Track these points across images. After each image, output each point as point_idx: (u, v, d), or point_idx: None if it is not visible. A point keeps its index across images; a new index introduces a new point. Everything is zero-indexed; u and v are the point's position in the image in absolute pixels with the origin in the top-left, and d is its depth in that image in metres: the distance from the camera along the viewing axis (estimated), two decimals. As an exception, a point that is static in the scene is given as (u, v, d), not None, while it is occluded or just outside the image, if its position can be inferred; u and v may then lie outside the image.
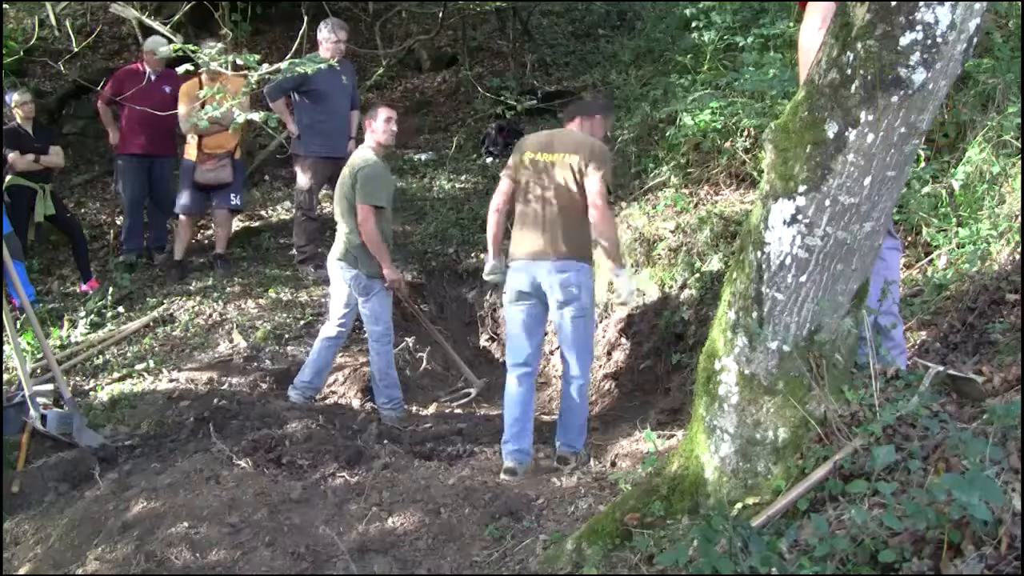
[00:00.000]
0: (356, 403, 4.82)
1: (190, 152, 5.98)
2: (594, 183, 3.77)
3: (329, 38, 5.62)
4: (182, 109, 5.88)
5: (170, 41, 4.88)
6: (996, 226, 3.80)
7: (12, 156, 5.71)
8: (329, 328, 4.67)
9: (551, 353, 5.32)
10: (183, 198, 6.12)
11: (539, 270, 3.86)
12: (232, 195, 6.11)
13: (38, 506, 3.75)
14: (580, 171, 3.80)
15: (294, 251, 6.21)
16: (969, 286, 3.63)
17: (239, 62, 4.03)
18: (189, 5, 6.02)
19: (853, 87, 2.13)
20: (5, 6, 7.36)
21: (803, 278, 2.30)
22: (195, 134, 5.87)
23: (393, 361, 4.65)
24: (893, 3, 2.05)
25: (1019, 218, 3.71)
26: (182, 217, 6.24)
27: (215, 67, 4.13)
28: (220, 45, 4.11)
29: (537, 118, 7.53)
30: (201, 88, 5.83)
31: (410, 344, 5.35)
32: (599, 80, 7.54)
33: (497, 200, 4.06)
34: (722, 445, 2.45)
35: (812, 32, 2.87)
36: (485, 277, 4.27)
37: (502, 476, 3.74)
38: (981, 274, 3.65)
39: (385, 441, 4.17)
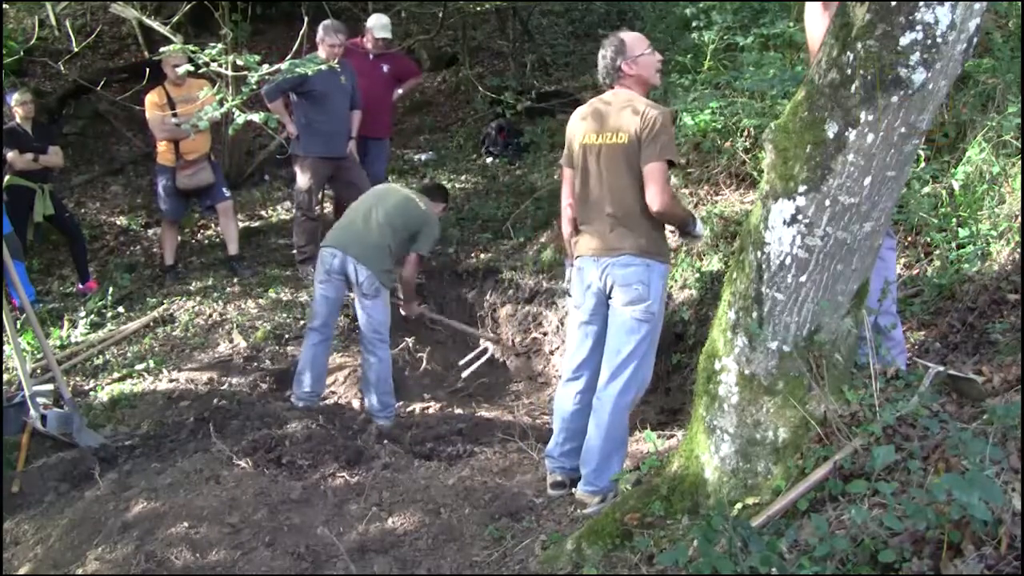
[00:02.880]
0: (356, 403, 4.82)
1: (167, 157, 5.96)
2: None
3: (326, 40, 5.61)
4: (150, 115, 5.88)
5: (170, 41, 4.88)
6: (996, 226, 3.80)
7: (11, 155, 5.71)
8: (321, 331, 4.56)
9: (551, 353, 5.32)
10: (165, 204, 6.10)
11: None
12: (221, 189, 6.15)
13: (38, 506, 3.75)
14: None
15: (294, 251, 6.21)
16: (969, 286, 3.63)
17: (239, 62, 4.02)
18: (189, 5, 6.01)
19: (853, 87, 2.14)
20: (5, 6, 7.36)
21: (803, 278, 2.30)
22: (170, 140, 5.87)
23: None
24: (893, 3, 2.05)
25: (1019, 218, 3.71)
26: (164, 223, 6.24)
27: (215, 67, 4.12)
28: (220, 46, 4.10)
29: (537, 118, 7.54)
30: (167, 96, 5.86)
31: (410, 344, 5.35)
32: (599, 80, 7.54)
33: None
34: (722, 445, 2.46)
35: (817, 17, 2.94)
36: None
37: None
38: (981, 274, 3.65)
39: (385, 441, 4.17)
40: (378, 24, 6.33)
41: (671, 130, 3.23)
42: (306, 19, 4.95)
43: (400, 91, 6.75)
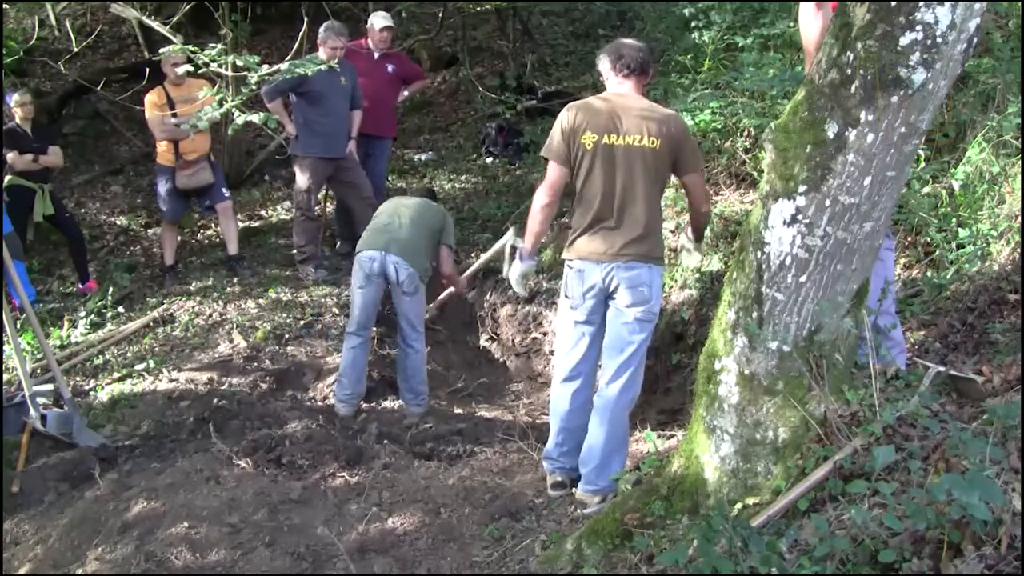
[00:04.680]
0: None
1: (167, 157, 5.96)
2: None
3: (328, 42, 5.61)
4: (149, 115, 5.88)
5: (170, 41, 4.88)
6: (996, 226, 3.80)
7: (11, 156, 5.71)
8: (360, 333, 4.58)
9: (551, 353, 5.32)
10: (165, 204, 6.09)
11: None
12: (221, 190, 6.15)
13: (38, 506, 3.75)
14: None
15: (294, 251, 6.21)
16: (969, 286, 3.63)
17: (239, 63, 4.02)
18: (189, 5, 6.02)
19: (853, 87, 2.14)
20: (5, 6, 7.36)
21: (803, 278, 2.30)
22: (170, 140, 5.87)
23: None
24: (893, 3, 2.06)
25: (1019, 218, 3.72)
26: (164, 223, 6.24)
27: (215, 68, 4.12)
28: (220, 46, 4.10)
29: (537, 118, 7.54)
30: (167, 96, 5.86)
31: None
32: (599, 80, 7.55)
33: None
34: (722, 445, 2.46)
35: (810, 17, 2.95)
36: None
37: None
38: (981, 274, 3.65)
39: (385, 441, 4.17)
40: (377, 16, 6.38)
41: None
42: (306, 19, 4.97)
43: (406, 93, 6.76)
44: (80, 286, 6.07)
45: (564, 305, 3.49)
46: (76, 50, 7.06)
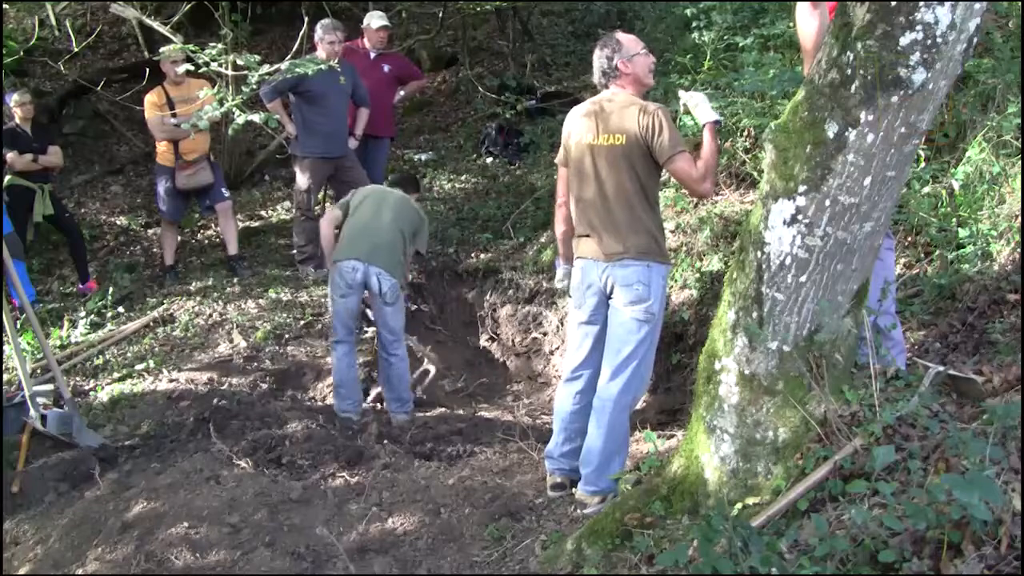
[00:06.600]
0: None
1: (166, 157, 5.97)
2: None
3: (324, 39, 5.62)
4: (149, 116, 5.88)
5: (170, 41, 4.88)
6: (996, 226, 3.80)
7: (11, 156, 5.71)
8: (347, 340, 4.56)
9: (551, 353, 5.32)
10: (165, 204, 6.10)
11: None
12: (221, 190, 6.15)
13: (38, 506, 3.76)
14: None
15: (294, 251, 6.21)
16: (969, 286, 3.63)
17: (239, 63, 4.02)
18: (189, 5, 6.02)
19: (853, 87, 2.14)
20: (5, 6, 7.36)
21: (803, 278, 2.30)
22: (169, 140, 5.87)
23: None
24: (893, 3, 2.06)
25: (1019, 218, 3.71)
26: (164, 223, 6.24)
27: (215, 67, 4.12)
28: (220, 46, 4.10)
29: (537, 118, 7.54)
30: (166, 96, 5.86)
31: (412, 344, 5.35)
32: (595, 81, 7.54)
33: None
34: (722, 445, 2.46)
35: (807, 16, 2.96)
36: None
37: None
38: (981, 274, 3.65)
39: (385, 441, 4.17)
40: (374, 16, 6.40)
41: (672, 123, 3.23)
42: (306, 19, 4.96)
43: (403, 92, 6.76)
44: (80, 286, 6.07)
45: (571, 305, 3.52)
46: (76, 50, 7.08)
